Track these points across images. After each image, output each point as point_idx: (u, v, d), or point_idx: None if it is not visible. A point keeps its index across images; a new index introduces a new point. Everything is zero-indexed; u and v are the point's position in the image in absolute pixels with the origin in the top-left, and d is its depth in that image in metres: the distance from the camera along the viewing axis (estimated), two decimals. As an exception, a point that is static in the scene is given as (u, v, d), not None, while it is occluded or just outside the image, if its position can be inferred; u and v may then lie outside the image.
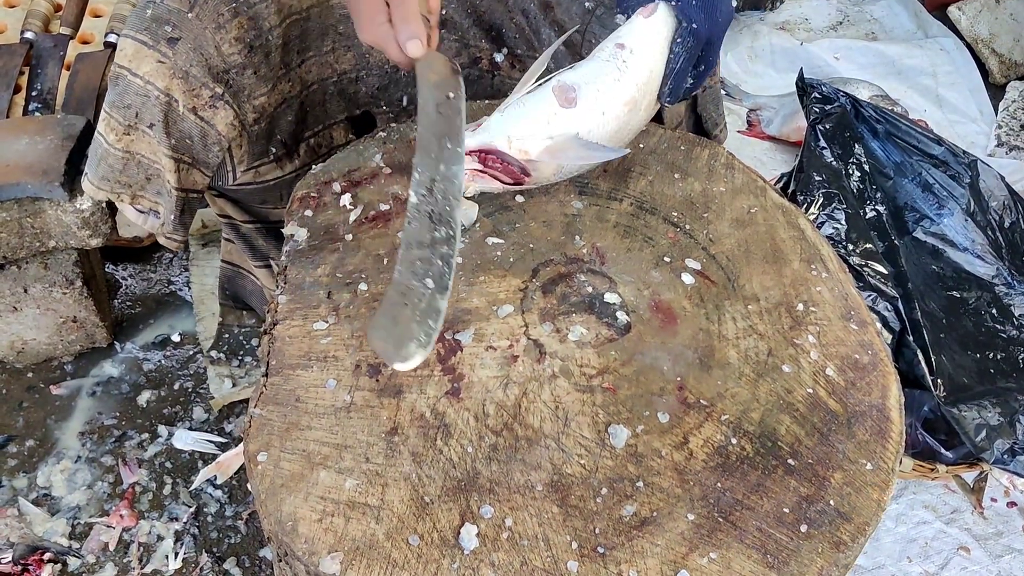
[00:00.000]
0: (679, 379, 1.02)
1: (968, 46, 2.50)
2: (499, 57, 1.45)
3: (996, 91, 2.40)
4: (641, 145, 1.28)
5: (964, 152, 1.55)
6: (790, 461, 0.96)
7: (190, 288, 1.90)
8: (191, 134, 1.22)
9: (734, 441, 0.97)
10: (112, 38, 2.06)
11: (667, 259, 1.14)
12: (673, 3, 1.09)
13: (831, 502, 0.94)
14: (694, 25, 1.08)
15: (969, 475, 1.65)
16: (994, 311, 1.52)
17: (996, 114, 2.32)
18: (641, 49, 1.11)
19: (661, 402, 0.99)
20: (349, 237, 1.13)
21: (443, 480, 0.92)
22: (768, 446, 0.97)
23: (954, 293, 1.51)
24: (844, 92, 1.57)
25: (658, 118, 1.35)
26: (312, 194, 1.19)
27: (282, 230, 1.16)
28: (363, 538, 0.87)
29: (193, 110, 1.21)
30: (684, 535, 0.90)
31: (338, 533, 0.88)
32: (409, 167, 1.21)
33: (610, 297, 1.08)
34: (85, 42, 1.99)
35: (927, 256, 1.51)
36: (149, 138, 1.22)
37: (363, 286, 1.08)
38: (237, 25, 1.23)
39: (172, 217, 1.27)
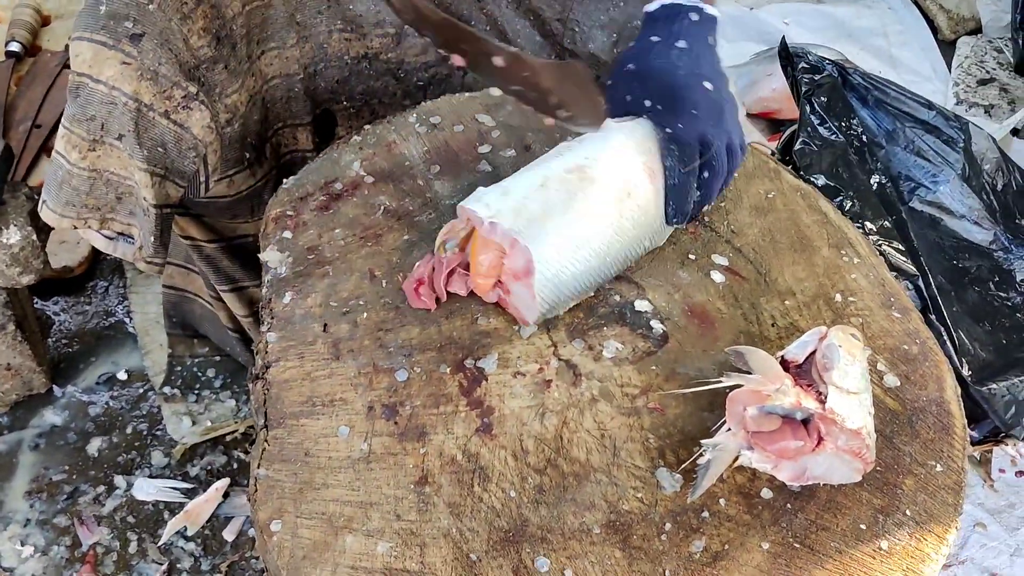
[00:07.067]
0: (728, 391, 0.92)
1: (916, 3, 2.46)
2: None
3: (946, 47, 2.37)
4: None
5: (955, 115, 1.49)
6: (859, 471, 0.88)
7: (132, 319, 1.73)
8: (164, 141, 1.07)
9: (798, 455, 0.88)
10: (14, 47, 1.87)
11: (692, 256, 1.04)
12: (645, 116, 0.98)
13: (907, 511, 0.86)
14: (668, 130, 0.96)
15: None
16: (996, 278, 1.47)
17: (950, 71, 2.29)
18: (605, 172, 0.96)
19: (714, 419, 0.90)
20: (338, 258, 1.01)
21: (488, 532, 0.81)
22: (834, 456, 0.88)
23: (956, 263, 1.45)
24: (830, 60, 1.49)
25: None
26: (288, 212, 1.06)
27: (259, 255, 1.02)
28: (408, 612, 0.76)
29: (165, 114, 1.06)
30: (761, 567, 0.81)
31: (378, 609, 0.76)
32: (393, 175, 1.09)
33: (640, 305, 0.98)
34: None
35: (926, 227, 1.45)
36: (119, 151, 1.06)
37: (363, 314, 0.95)
38: (202, 14, 1.08)
39: (151, 239, 1.11)
